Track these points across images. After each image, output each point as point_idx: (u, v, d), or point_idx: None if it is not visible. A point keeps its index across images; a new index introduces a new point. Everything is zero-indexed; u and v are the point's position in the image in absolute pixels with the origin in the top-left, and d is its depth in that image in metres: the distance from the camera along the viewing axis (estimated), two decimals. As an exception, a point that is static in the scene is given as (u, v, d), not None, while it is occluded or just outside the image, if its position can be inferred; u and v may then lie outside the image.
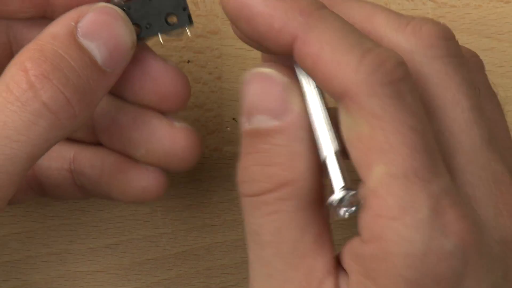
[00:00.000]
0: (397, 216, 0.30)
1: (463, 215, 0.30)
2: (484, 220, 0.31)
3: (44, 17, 0.37)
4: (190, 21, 0.36)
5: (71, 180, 0.39)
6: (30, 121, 0.33)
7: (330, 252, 0.32)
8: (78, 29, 0.34)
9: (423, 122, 0.31)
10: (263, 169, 0.33)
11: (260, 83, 0.33)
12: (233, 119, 0.42)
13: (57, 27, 0.34)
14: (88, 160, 0.39)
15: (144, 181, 0.38)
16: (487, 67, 0.42)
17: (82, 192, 0.39)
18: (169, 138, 0.37)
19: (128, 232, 0.42)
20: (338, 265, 0.32)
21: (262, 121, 0.33)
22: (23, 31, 0.38)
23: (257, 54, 0.41)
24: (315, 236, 0.32)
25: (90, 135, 0.39)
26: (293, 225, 0.32)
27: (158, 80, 0.37)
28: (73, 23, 0.34)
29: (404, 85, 0.31)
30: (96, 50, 0.35)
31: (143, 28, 0.36)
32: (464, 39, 0.42)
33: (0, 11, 0.36)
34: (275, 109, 0.33)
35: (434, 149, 0.31)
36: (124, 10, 0.35)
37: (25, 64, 0.33)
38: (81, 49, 0.34)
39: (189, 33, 0.36)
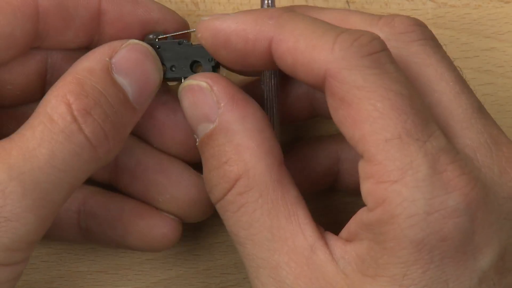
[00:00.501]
0: (397, 178, 0.30)
1: (464, 172, 0.30)
2: (489, 178, 0.32)
3: (87, 48, 0.37)
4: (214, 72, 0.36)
5: (76, 221, 0.39)
6: (75, 152, 0.33)
7: (310, 227, 0.33)
8: (112, 65, 0.35)
9: (408, 87, 0.31)
10: (217, 172, 0.34)
11: (188, 96, 0.35)
12: (233, 119, 0.42)
13: (93, 62, 0.35)
14: (103, 203, 0.39)
15: (165, 228, 0.38)
16: (487, 67, 0.42)
17: (83, 236, 0.39)
18: (196, 187, 0.38)
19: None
20: (324, 235, 0.33)
21: (204, 129, 0.34)
22: (61, 62, 0.38)
23: (257, 54, 0.41)
24: (287, 217, 0.33)
25: (103, 175, 0.39)
26: (260, 214, 0.33)
27: (188, 132, 0.37)
28: (107, 59, 0.35)
29: (383, 56, 0.32)
30: (128, 87, 0.35)
31: (168, 70, 0.37)
32: (464, 39, 0.42)
33: (55, 41, 0.37)
34: (207, 113, 0.34)
35: (424, 111, 0.31)
36: (154, 47, 0.36)
37: (68, 97, 0.34)
38: (116, 85, 0.35)
39: None
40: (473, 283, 0.31)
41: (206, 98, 0.34)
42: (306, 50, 0.32)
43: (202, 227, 0.42)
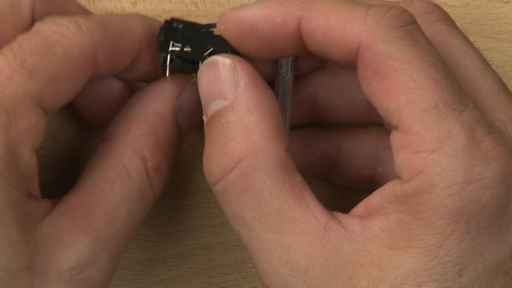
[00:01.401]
0: (436, 147, 0.30)
1: (500, 143, 0.31)
2: None
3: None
4: None
5: None
6: (145, 209, 0.36)
7: (319, 209, 0.32)
8: (177, 107, 0.37)
9: (441, 59, 0.32)
10: (221, 148, 0.33)
11: (210, 71, 0.35)
12: (233, 119, 0.42)
13: (163, 106, 0.37)
14: None
15: None
16: (487, 67, 0.42)
17: None
18: None
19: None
20: (335, 216, 0.32)
21: (216, 106, 0.34)
22: None
23: (256, 54, 0.41)
24: (296, 200, 0.32)
25: None
26: (268, 195, 0.32)
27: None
28: (177, 102, 0.37)
29: (414, 28, 0.32)
30: (185, 127, 0.37)
31: (181, 49, 0.36)
32: (464, 39, 0.42)
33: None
34: (224, 90, 0.34)
35: (458, 83, 0.31)
36: (174, 26, 0.36)
37: (144, 152, 0.35)
38: (179, 130, 0.37)
39: None
40: (506, 255, 0.31)
41: (227, 75, 0.34)
42: (337, 24, 0.32)
43: (202, 228, 0.42)
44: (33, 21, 0.35)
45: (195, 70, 0.36)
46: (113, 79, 0.38)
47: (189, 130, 0.38)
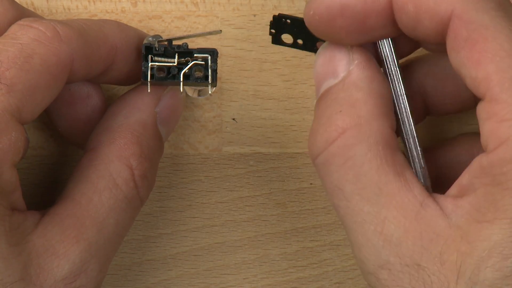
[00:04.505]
0: None
1: None
2: None
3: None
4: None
5: None
6: (132, 218, 0.37)
7: (418, 186, 0.32)
8: (157, 115, 0.37)
9: None
10: (327, 122, 0.33)
11: (326, 52, 0.35)
12: (233, 119, 0.42)
13: (144, 114, 0.37)
14: None
15: None
16: (487, 67, 0.42)
17: None
18: None
19: (128, 232, 0.42)
20: (432, 195, 0.32)
21: (328, 85, 0.34)
22: None
23: (256, 54, 0.42)
24: (395, 175, 0.32)
25: None
26: (368, 168, 0.32)
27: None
28: (156, 110, 0.37)
29: (506, 1, 0.32)
30: (165, 134, 0.38)
31: (161, 63, 0.37)
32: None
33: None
34: (337, 69, 0.34)
35: None
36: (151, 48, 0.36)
37: (131, 161, 0.36)
38: (160, 138, 0.38)
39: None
40: None
41: (342, 55, 0.34)
42: None
43: (202, 228, 0.42)
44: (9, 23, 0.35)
45: (176, 84, 0.36)
46: (91, 91, 0.39)
47: (168, 136, 0.39)
